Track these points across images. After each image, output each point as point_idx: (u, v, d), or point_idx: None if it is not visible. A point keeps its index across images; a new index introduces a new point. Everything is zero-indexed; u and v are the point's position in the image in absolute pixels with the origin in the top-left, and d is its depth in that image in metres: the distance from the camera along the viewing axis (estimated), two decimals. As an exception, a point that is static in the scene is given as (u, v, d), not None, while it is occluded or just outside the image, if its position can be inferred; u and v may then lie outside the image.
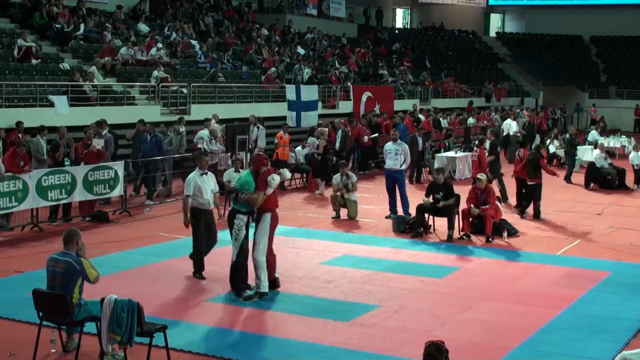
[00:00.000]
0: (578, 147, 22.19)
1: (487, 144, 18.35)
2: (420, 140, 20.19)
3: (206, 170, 10.80)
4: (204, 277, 10.55)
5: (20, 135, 15.47)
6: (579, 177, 20.70)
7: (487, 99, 40.52)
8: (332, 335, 8.32)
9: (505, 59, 48.58)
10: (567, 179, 20.61)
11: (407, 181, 17.48)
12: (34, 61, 20.12)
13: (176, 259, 11.63)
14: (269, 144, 21.50)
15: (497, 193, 15.75)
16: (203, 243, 10.67)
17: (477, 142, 18.90)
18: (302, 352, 7.85)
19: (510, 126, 26.54)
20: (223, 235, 13.30)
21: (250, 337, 8.30)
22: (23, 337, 7.95)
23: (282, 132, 19.79)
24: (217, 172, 17.49)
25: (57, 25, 22.51)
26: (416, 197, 15.64)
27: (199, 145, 17.69)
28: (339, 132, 21.24)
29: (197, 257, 10.66)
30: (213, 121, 20.52)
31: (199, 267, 10.62)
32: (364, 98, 27.90)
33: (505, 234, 13.45)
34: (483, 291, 10.13)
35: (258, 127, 20.54)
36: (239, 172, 14.58)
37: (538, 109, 37.68)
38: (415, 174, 20.27)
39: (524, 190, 15.80)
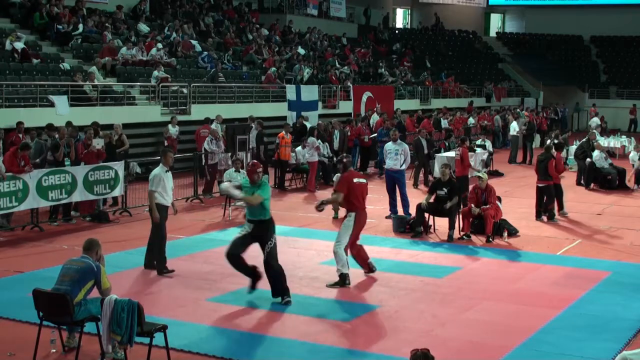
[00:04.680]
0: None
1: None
2: (424, 142, 20.05)
3: (168, 168, 10.93)
4: (172, 270, 10.75)
5: (20, 136, 15.46)
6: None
7: (487, 99, 40.52)
8: (332, 335, 8.32)
9: (506, 59, 48.61)
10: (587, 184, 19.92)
11: (410, 182, 17.48)
12: (35, 61, 20.12)
13: (176, 258, 11.63)
14: (269, 144, 21.50)
15: None
16: (164, 237, 10.83)
17: (459, 140, 18.67)
18: (302, 352, 7.85)
19: (513, 126, 26.60)
20: (220, 235, 13.33)
21: (250, 337, 8.30)
22: (23, 337, 7.95)
23: (284, 132, 19.78)
24: (217, 172, 17.54)
25: (59, 26, 22.52)
26: (417, 197, 15.64)
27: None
28: (336, 133, 21.27)
29: (163, 253, 10.82)
30: (215, 122, 20.60)
31: (164, 264, 10.78)
32: (364, 98, 27.93)
33: (506, 234, 13.46)
34: (483, 291, 10.13)
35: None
36: (239, 172, 14.61)
37: (538, 109, 37.68)
38: (422, 177, 19.99)
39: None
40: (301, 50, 32.60)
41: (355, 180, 10.83)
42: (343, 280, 10.31)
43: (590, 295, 9.99)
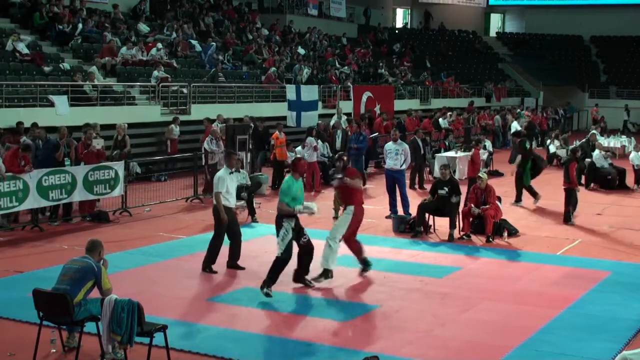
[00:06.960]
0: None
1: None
2: (420, 143, 19.97)
3: (234, 169, 11.00)
4: (214, 271, 10.76)
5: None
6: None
7: (487, 99, 40.52)
8: (332, 335, 8.32)
9: (506, 59, 48.61)
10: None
11: (407, 182, 17.41)
12: (46, 68, 20.06)
13: (176, 258, 11.64)
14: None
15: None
16: (222, 241, 10.86)
17: (473, 142, 18.70)
18: (302, 352, 7.85)
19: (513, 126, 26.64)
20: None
21: (250, 337, 8.30)
22: (23, 337, 7.95)
23: (277, 132, 19.81)
24: (216, 172, 17.50)
25: (59, 26, 22.51)
26: (416, 198, 15.63)
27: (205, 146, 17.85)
28: (338, 132, 21.20)
29: (213, 253, 10.82)
30: (217, 122, 20.57)
31: (210, 262, 10.81)
32: (364, 98, 27.85)
33: (506, 234, 13.46)
34: (483, 291, 10.13)
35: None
36: (239, 171, 14.58)
37: (538, 109, 37.69)
38: (417, 179, 19.91)
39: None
40: (301, 50, 32.60)
41: None
42: (326, 274, 10.36)
43: (590, 295, 9.98)
